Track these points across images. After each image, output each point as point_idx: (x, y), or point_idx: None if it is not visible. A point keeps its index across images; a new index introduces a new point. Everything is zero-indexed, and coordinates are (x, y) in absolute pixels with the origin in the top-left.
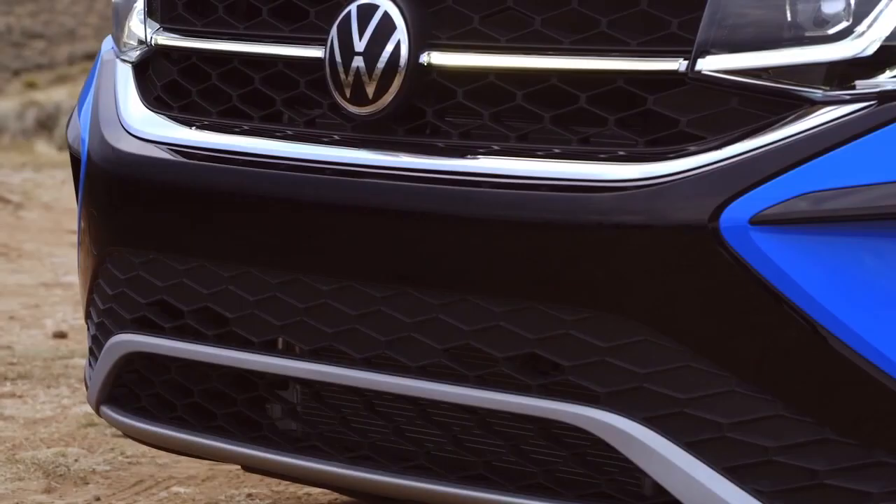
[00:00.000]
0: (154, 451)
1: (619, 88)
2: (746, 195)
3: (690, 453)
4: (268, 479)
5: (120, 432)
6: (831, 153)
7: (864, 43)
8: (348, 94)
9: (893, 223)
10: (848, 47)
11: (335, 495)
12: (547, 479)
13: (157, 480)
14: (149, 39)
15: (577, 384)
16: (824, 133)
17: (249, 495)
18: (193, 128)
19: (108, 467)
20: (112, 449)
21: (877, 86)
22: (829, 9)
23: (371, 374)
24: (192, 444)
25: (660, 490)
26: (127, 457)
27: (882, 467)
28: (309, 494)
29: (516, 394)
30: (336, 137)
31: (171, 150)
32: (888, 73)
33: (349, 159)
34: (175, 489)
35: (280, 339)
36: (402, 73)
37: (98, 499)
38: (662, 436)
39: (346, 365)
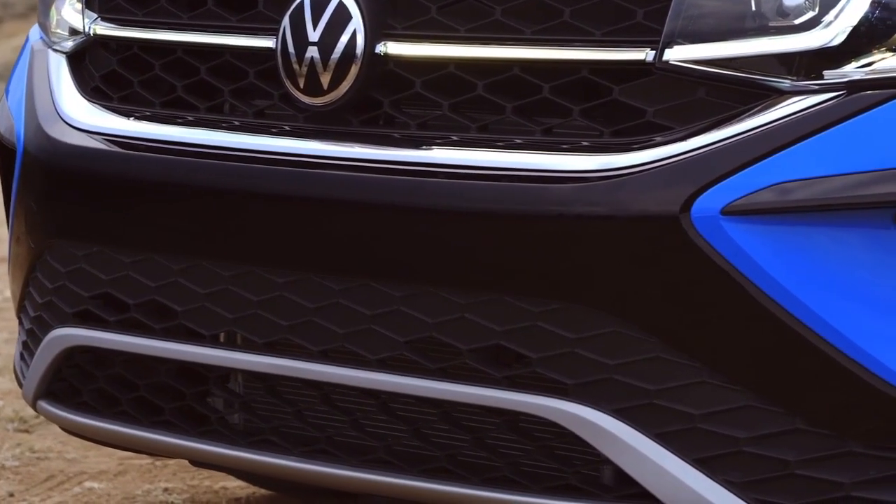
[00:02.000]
0: (62, 446)
1: (584, 79)
2: (718, 185)
3: (661, 444)
4: (182, 473)
5: (26, 428)
6: (801, 143)
7: (832, 33)
8: (302, 85)
9: (863, 213)
10: (816, 37)
11: (253, 489)
12: (512, 471)
13: (68, 476)
14: (86, 29)
15: (546, 376)
16: (794, 123)
17: (166, 489)
18: (133, 118)
19: (16, 462)
20: (18, 444)
21: (845, 76)
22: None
23: (328, 367)
24: (136, 438)
25: (627, 481)
26: (34, 452)
27: (853, 457)
28: (225, 488)
29: (482, 386)
30: (287, 128)
31: (113, 141)
32: (856, 63)
33: (303, 150)
34: (88, 484)
35: (233, 333)
36: (358, 63)
37: (12, 494)
38: (632, 427)
39: (303, 358)
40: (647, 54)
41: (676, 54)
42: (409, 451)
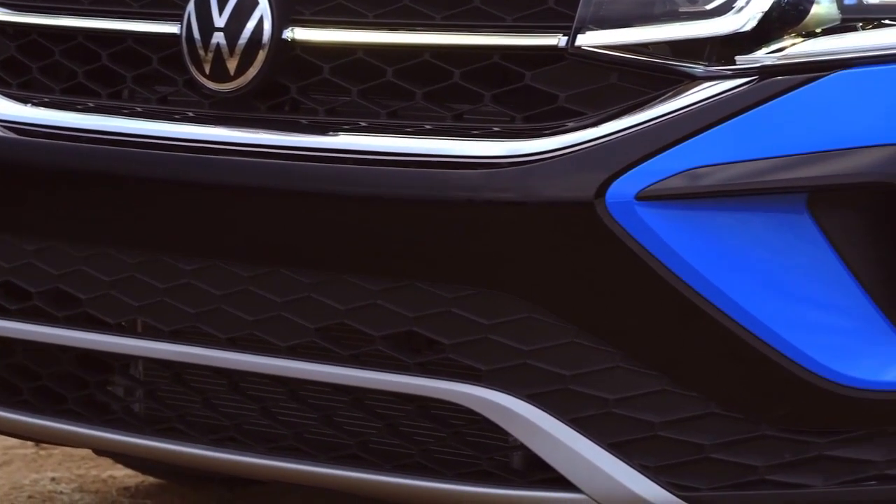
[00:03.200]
0: None
1: (496, 64)
2: (632, 171)
3: (575, 429)
4: (67, 463)
5: None
6: (714, 128)
7: (743, 18)
8: (208, 71)
9: (776, 198)
10: (727, 23)
11: (142, 477)
12: (425, 458)
13: None
14: None
15: (459, 362)
16: (707, 108)
17: (53, 479)
18: (31, 105)
19: None
20: None
21: (757, 61)
22: None
23: (237, 355)
24: (38, 427)
25: (542, 466)
26: None
27: (767, 440)
28: (113, 477)
29: (395, 373)
30: (192, 114)
31: (9, 127)
32: (767, 49)
33: (209, 136)
34: None
35: (138, 321)
36: (265, 49)
37: None
38: (547, 412)
39: (211, 346)
40: (559, 40)
41: (588, 40)
42: (319, 439)
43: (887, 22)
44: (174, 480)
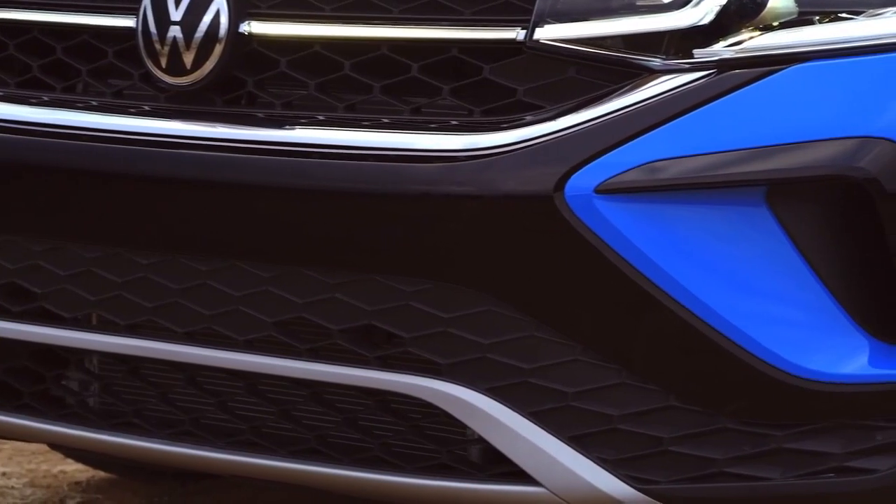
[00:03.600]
0: None
1: (454, 58)
2: (592, 164)
3: (535, 423)
4: (18, 457)
5: None
6: (673, 122)
7: (701, 12)
8: (164, 65)
9: (734, 191)
10: (685, 16)
11: (93, 472)
12: (384, 452)
13: None
14: None
15: (418, 356)
16: (666, 102)
17: (3, 473)
18: None
19: None
20: None
21: (715, 55)
22: None
23: (194, 349)
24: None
25: (501, 460)
26: None
27: (726, 433)
28: (64, 472)
29: (354, 367)
30: (147, 108)
31: None
32: (725, 42)
33: (165, 130)
34: None
35: (93, 315)
36: (222, 42)
37: None
38: (506, 406)
39: (168, 340)
40: (517, 33)
41: (547, 33)
42: (278, 433)
43: (844, 15)
44: (126, 475)
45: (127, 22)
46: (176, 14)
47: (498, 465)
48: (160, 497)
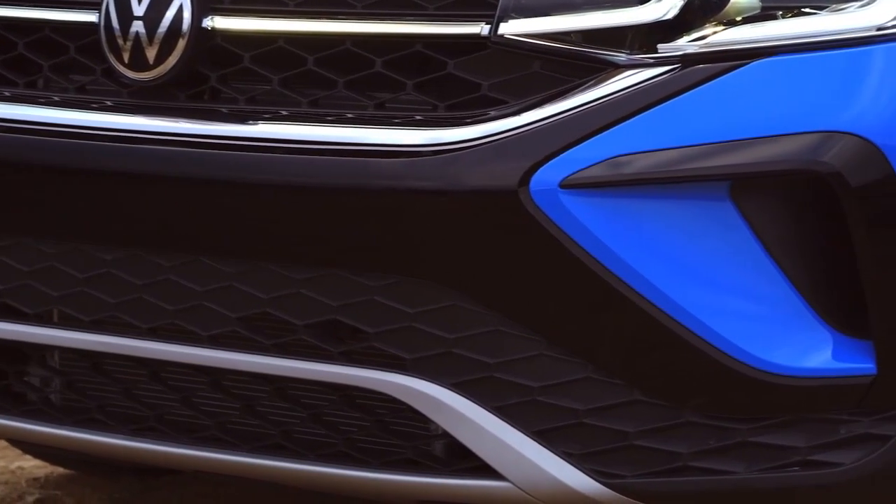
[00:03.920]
0: None
1: (419, 53)
2: (557, 159)
3: (500, 417)
4: None
5: None
6: (638, 116)
7: (666, 6)
8: (127, 60)
9: (698, 185)
10: (649, 11)
11: (51, 468)
12: (350, 447)
13: None
14: None
15: (383, 351)
16: (630, 97)
17: None
18: None
19: None
20: None
21: (679, 49)
22: None
23: (158, 345)
24: None
25: (467, 455)
26: None
27: (691, 427)
28: (21, 468)
29: (319, 362)
30: (110, 104)
31: None
32: (689, 37)
33: (127, 125)
34: None
35: (56, 311)
36: (185, 37)
37: None
38: (471, 401)
39: (131, 335)
40: (482, 28)
41: (511, 28)
42: (242, 428)
43: (807, 10)
44: (85, 471)
45: (89, 17)
46: (139, 9)
47: (464, 460)
48: (120, 493)
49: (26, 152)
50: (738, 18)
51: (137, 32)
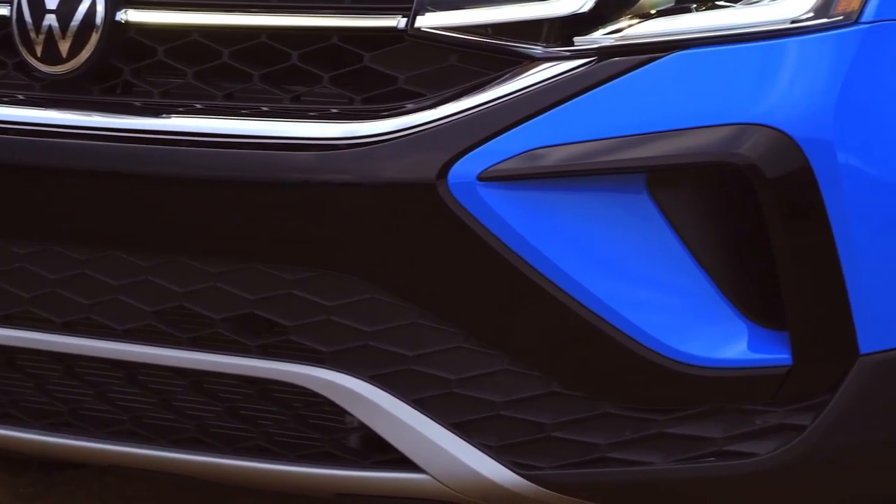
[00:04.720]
0: None
1: (335, 46)
2: (475, 152)
3: (418, 410)
4: None
5: None
6: (554, 109)
7: (581, 0)
8: (39, 53)
9: (616, 178)
10: (565, 4)
11: None
12: (267, 440)
13: None
14: None
15: (301, 344)
16: (547, 89)
17: None
18: None
19: None
20: None
21: (594, 42)
22: None
23: (72, 339)
24: None
25: (385, 447)
26: None
27: (608, 418)
28: None
29: (236, 356)
30: (21, 97)
31: None
32: (605, 30)
33: (39, 119)
34: None
35: None
36: (99, 31)
37: None
38: (389, 393)
39: (45, 330)
40: (398, 21)
41: (427, 21)
42: (158, 423)
43: (721, 3)
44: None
45: (1, 10)
46: (51, 2)
47: (382, 453)
48: (25, 488)
49: None
50: (653, 11)
51: (50, 26)
